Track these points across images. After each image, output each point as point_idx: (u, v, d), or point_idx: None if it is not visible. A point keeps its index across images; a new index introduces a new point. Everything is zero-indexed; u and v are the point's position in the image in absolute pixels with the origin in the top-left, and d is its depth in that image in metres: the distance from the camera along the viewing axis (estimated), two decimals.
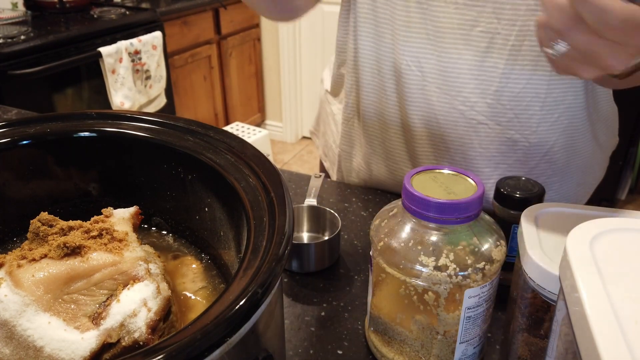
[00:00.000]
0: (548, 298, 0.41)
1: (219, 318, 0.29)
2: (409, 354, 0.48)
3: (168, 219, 0.53)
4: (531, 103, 0.66)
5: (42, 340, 0.36)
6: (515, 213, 0.54)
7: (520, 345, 0.46)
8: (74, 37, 1.90)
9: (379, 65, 0.71)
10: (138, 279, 0.39)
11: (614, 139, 0.80)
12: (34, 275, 0.37)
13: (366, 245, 0.68)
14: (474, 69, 0.65)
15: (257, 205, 0.39)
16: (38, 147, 0.50)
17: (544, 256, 0.41)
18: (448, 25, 0.64)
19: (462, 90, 0.66)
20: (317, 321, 0.56)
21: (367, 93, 0.74)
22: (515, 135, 0.69)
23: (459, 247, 0.43)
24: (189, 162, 0.47)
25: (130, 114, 0.52)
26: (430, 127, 0.70)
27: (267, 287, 0.31)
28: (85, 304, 0.38)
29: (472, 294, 0.43)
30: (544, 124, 0.68)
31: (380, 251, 0.46)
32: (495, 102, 0.66)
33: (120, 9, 2.23)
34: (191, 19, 2.49)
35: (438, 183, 0.45)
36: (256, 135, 2.65)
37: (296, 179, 0.83)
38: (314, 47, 2.99)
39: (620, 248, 0.30)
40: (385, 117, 0.74)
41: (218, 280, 0.48)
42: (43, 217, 0.41)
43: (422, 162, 0.74)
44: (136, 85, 2.12)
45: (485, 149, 0.70)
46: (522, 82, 0.65)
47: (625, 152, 2.33)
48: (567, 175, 0.75)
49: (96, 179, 0.52)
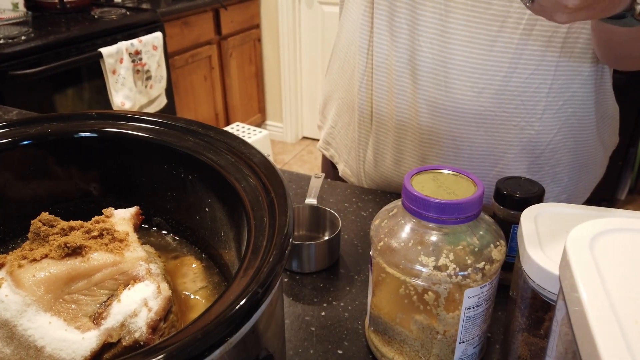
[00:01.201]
0: (548, 298, 0.41)
1: (219, 318, 0.29)
2: (409, 354, 0.48)
3: (168, 219, 0.53)
4: (539, 89, 0.67)
5: (43, 340, 0.36)
6: (515, 213, 0.54)
7: (520, 345, 0.46)
8: (74, 38, 1.90)
9: (392, 62, 0.72)
10: (139, 279, 0.39)
11: (615, 137, 0.81)
12: (34, 275, 0.37)
13: (366, 245, 0.68)
14: (483, 53, 0.66)
15: (258, 205, 0.39)
16: (39, 147, 0.50)
17: (544, 256, 0.41)
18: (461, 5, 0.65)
19: (471, 76, 0.67)
20: (317, 321, 0.56)
21: (379, 93, 0.75)
22: (521, 122, 0.69)
23: (459, 247, 0.43)
24: (190, 162, 0.47)
25: (130, 114, 0.52)
26: (438, 116, 0.71)
27: (267, 287, 0.31)
28: (86, 304, 0.38)
29: (472, 294, 0.43)
30: (549, 111, 0.69)
31: (380, 251, 0.46)
32: (503, 88, 0.67)
33: (121, 9, 2.23)
34: (191, 19, 2.49)
35: (438, 183, 0.45)
36: (256, 136, 2.65)
37: (296, 179, 0.83)
38: (314, 47, 2.99)
39: (620, 248, 0.30)
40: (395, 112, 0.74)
41: (218, 280, 0.48)
42: (44, 217, 0.41)
43: (428, 153, 0.74)
44: (137, 85, 2.12)
45: (491, 136, 0.70)
46: (531, 68, 0.66)
47: (625, 152, 2.33)
48: (569, 167, 0.75)
49: (97, 179, 0.52)
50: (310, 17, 2.95)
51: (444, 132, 0.72)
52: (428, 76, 0.69)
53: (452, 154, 0.73)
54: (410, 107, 0.73)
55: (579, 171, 0.77)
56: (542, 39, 0.65)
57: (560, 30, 0.65)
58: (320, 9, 2.90)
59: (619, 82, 0.80)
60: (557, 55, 0.66)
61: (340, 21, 0.83)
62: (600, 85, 0.72)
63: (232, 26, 2.78)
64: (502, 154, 0.72)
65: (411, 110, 0.73)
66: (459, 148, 0.72)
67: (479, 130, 0.70)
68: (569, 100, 0.69)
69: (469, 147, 0.72)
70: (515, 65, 0.66)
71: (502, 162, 0.72)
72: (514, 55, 0.65)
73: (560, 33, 0.65)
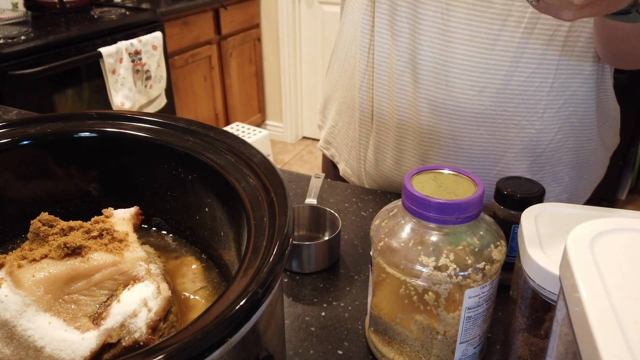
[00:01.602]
0: (548, 298, 0.41)
1: (219, 318, 0.29)
2: (409, 354, 0.48)
3: (168, 219, 0.53)
4: (539, 88, 0.67)
5: (43, 341, 0.36)
6: (515, 213, 0.54)
7: (520, 345, 0.46)
8: (74, 38, 1.90)
9: (393, 61, 0.72)
10: (138, 279, 0.39)
11: (616, 137, 0.81)
12: (34, 276, 0.37)
13: (366, 245, 0.68)
14: (484, 52, 0.66)
15: (258, 205, 0.39)
16: (38, 147, 0.50)
17: (544, 256, 0.41)
18: (463, 4, 0.65)
19: (472, 75, 0.67)
20: (317, 321, 0.56)
21: (379, 92, 0.75)
22: (522, 121, 0.69)
23: (459, 247, 0.43)
24: (190, 162, 0.47)
25: (130, 114, 0.52)
26: (438, 116, 0.71)
27: (267, 287, 0.31)
28: (85, 304, 0.38)
29: (472, 294, 0.43)
30: (550, 110, 0.69)
31: (381, 251, 0.46)
32: (504, 87, 0.67)
33: (121, 9, 2.23)
34: (191, 19, 2.49)
35: (438, 183, 0.45)
36: (256, 136, 2.65)
37: (296, 179, 0.83)
38: (314, 47, 2.99)
39: (620, 248, 0.30)
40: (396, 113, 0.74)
41: (218, 281, 0.48)
42: (43, 217, 0.41)
43: (428, 152, 0.74)
44: (136, 85, 2.12)
45: (492, 135, 0.71)
46: (532, 67, 0.66)
47: (625, 152, 2.33)
48: (570, 167, 0.75)
49: (97, 179, 0.52)
50: (310, 17, 2.95)
51: (444, 132, 0.72)
52: (429, 75, 0.69)
53: (453, 153, 0.73)
54: (411, 107, 0.73)
55: (579, 171, 0.77)
56: (544, 38, 0.65)
57: (562, 29, 0.65)
58: (320, 8, 2.90)
59: (619, 81, 0.80)
60: (558, 54, 0.66)
61: (341, 20, 0.83)
62: (601, 85, 0.72)
63: (232, 26, 2.78)
64: (503, 153, 0.72)
65: (412, 110, 0.73)
66: (459, 147, 0.72)
67: (479, 129, 0.70)
68: (569, 100, 0.69)
69: (470, 146, 0.72)
70: (516, 64, 0.66)
71: (502, 162, 0.72)
72: (515, 54, 0.65)
73: (562, 32, 0.65)
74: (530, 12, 0.63)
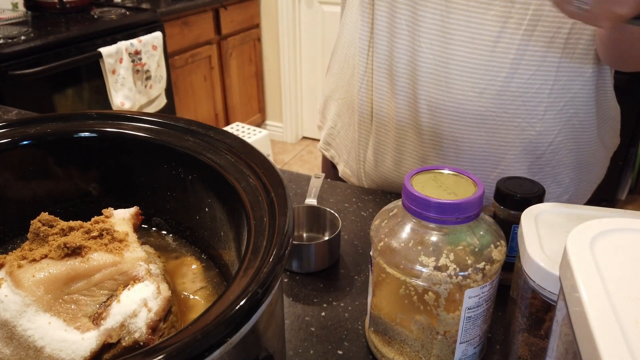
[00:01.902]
0: (548, 298, 0.41)
1: (219, 318, 0.29)
2: (409, 354, 0.48)
3: (168, 219, 0.53)
4: (540, 90, 0.67)
5: (43, 341, 0.36)
6: (515, 213, 0.54)
7: (520, 345, 0.46)
8: (74, 38, 1.90)
9: (392, 63, 0.72)
10: (138, 279, 0.39)
11: (616, 138, 0.81)
12: (34, 276, 0.37)
13: (366, 245, 0.68)
14: (485, 54, 0.66)
15: (258, 205, 0.39)
16: (38, 147, 0.50)
17: (544, 256, 0.41)
18: (462, 5, 0.65)
19: (472, 76, 0.67)
20: (317, 321, 0.56)
21: (379, 93, 0.75)
22: (522, 123, 0.69)
23: (459, 247, 0.43)
24: (189, 162, 0.47)
25: (130, 114, 0.52)
26: (438, 117, 0.71)
27: (267, 287, 0.31)
28: (85, 304, 0.38)
29: (472, 294, 0.43)
30: (551, 111, 0.69)
31: (381, 251, 0.46)
32: (504, 89, 0.67)
33: (121, 9, 2.23)
34: (191, 19, 2.49)
35: (438, 183, 0.45)
36: (256, 136, 2.65)
37: (296, 179, 0.83)
38: (314, 47, 2.99)
39: (620, 248, 0.30)
40: (395, 113, 0.74)
41: (218, 281, 0.48)
42: (43, 217, 0.41)
43: (428, 154, 0.74)
44: (136, 85, 2.12)
45: (492, 137, 0.71)
46: (532, 69, 0.66)
47: (625, 152, 2.34)
48: (571, 168, 0.75)
49: (96, 179, 0.52)
50: (310, 17, 2.95)
51: (444, 133, 0.72)
52: (429, 76, 0.69)
53: (453, 154, 0.73)
54: (410, 108, 0.73)
55: (580, 172, 0.77)
56: (544, 39, 0.64)
57: (562, 31, 0.65)
58: (320, 8, 2.90)
59: (619, 82, 0.80)
60: (558, 56, 0.66)
61: (342, 21, 0.83)
62: (602, 86, 0.72)
63: (232, 26, 2.78)
64: (503, 155, 0.72)
65: (411, 111, 0.73)
66: (459, 149, 0.72)
67: (479, 130, 0.70)
68: (570, 101, 0.69)
69: (470, 147, 0.72)
70: (517, 66, 0.66)
71: (503, 163, 0.72)
72: (515, 56, 0.65)
73: (562, 34, 0.65)
74: (531, 14, 0.63)
